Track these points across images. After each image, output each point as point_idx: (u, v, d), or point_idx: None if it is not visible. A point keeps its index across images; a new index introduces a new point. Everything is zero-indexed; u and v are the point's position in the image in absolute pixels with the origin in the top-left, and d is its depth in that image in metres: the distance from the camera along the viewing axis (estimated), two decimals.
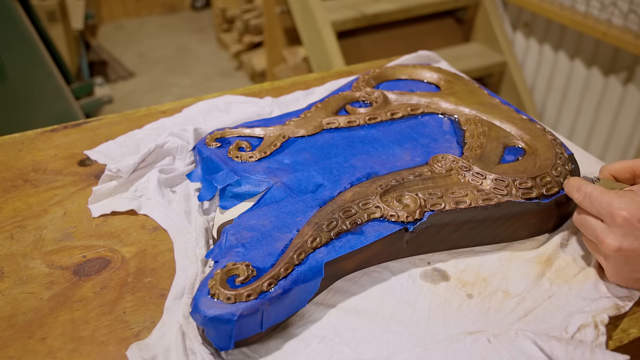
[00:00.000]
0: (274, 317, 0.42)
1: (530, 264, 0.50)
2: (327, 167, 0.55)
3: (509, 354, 0.41)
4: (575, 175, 0.55)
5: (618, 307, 0.45)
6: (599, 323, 0.43)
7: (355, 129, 0.62)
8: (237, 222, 0.48)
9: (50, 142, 0.67)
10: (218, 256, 0.44)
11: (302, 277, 0.43)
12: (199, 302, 0.40)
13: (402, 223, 0.48)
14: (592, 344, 0.41)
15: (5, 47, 1.52)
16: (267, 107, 0.73)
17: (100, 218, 0.56)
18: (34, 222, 0.55)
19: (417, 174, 0.53)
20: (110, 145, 0.66)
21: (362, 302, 0.46)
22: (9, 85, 1.56)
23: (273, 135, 0.60)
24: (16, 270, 0.49)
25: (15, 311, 0.45)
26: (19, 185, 0.60)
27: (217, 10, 3.14)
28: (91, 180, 0.61)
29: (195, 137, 0.64)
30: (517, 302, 0.46)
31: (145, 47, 3.27)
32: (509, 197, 0.51)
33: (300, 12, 2.01)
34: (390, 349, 0.42)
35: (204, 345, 0.41)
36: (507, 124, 0.62)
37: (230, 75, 2.95)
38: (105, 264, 0.50)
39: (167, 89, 2.80)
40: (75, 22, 2.63)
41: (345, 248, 0.46)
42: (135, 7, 3.65)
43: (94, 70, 2.92)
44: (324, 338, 0.43)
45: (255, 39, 2.77)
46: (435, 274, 0.49)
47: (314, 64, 2.04)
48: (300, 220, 0.48)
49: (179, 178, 0.60)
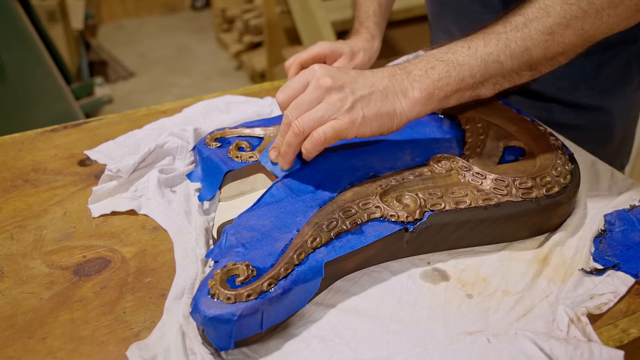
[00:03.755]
0: (274, 317, 0.42)
1: (529, 263, 0.50)
2: (327, 167, 0.55)
3: (508, 354, 0.41)
4: (575, 175, 0.55)
5: (601, 306, 0.45)
6: (580, 315, 0.43)
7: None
8: (237, 222, 0.48)
9: (50, 142, 0.67)
10: (218, 256, 0.44)
11: (302, 277, 0.43)
12: (199, 302, 0.40)
13: (402, 223, 0.48)
14: (583, 337, 0.42)
15: (5, 47, 1.52)
16: (267, 107, 0.73)
17: (100, 218, 0.56)
18: (34, 222, 0.55)
19: (417, 173, 0.53)
20: (110, 145, 0.66)
21: (362, 302, 0.46)
22: (9, 85, 1.56)
23: (273, 135, 0.60)
24: (16, 270, 0.49)
25: (15, 311, 0.45)
26: (19, 185, 0.60)
27: (217, 10, 3.15)
28: (91, 180, 0.61)
29: (195, 137, 0.64)
30: (516, 301, 0.46)
31: (145, 47, 3.27)
32: (509, 197, 0.51)
33: (300, 12, 2.01)
34: (390, 349, 0.42)
35: (204, 345, 0.41)
36: (507, 124, 0.62)
37: (230, 75, 2.95)
38: (105, 264, 0.50)
39: (167, 89, 2.80)
40: (75, 22, 2.63)
41: (345, 248, 0.46)
42: (135, 7, 3.65)
43: (94, 70, 2.93)
44: (324, 338, 0.43)
45: (255, 39, 2.77)
46: (435, 274, 0.49)
47: None
48: (300, 220, 0.48)
49: (179, 178, 0.60)
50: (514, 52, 0.51)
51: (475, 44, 0.52)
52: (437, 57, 0.53)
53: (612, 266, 0.49)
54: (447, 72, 0.52)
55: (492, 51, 0.51)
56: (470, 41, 0.53)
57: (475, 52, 0.52)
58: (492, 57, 0.52)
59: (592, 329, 0.42)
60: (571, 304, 0.45)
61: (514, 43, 0.51)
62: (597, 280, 0.48)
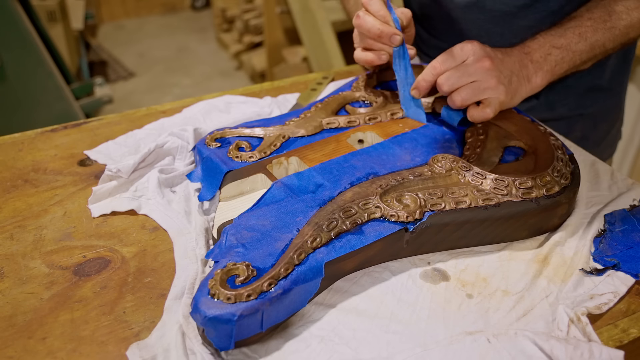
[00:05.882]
0: (274, 317, 0.42)
1: (529, 263, 0.50)
2: (327, 167, 0.55)
3: (508, 354, 0.41)
4: (575, 175, 0.55)
5: (601, 306, 0.45)
6: (580, 315, 0.43)
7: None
8: (237, 222, 0.48)
9: (50, 142, 0.67)
10: (218, 256, 0.44)
11: (302, 277, 0.43)
12: (199, 302, 0.40)
13: (402, 223, 0.48)
14: (583, 337, 0.42)
15: (5, 47, 1.52)
16: (267, 107, 0.73)
17: (100, 218, 0.56)
18: (34, 222, 0.55)
19: (417, 174, 0.53)
20: (110, 145, 0.66)
21: (362, 302, 0.46)
22: (9, 85, 1.56)
23: (273, 135, 0.60)
24: (16, 270, 0.49)
25: (15, 311, 0.45)
26: (19, 185, 0.60)
27: (217, 10, 3.14)
28: (91, 180, 0.61)
29: (195, 137, 0.64)
30: (516, 301, 0.46)
31: (145, 47, 3.27)
32: (509, 197, 0.51)
33: (300, 12, 2.01)
34: (390, 349, 0.42)
35: (204, 345, 0.41)
36: (507, 124, 0.62)
37: (230, 75, 2.95)
38: (105, 264, 0.50)
39: (167, 89, 2.80)
40: (75, 22, 2.63)
41: (345, 248, 0.46)
42: (135, 7, 3.65)
43: (94, 70, 2.92)
44: (324, 338, 0.43)
45: (255, 39, 2.77)
46: (435, 274, 0.49)
47: (314, 64, 2.04)
48: (300, 220, 0.48)
49: (179, 178, 0.60)
50: (616, 38, 0.64)
51: (585, 31, 0.63)
52: (552, 43, 0.62)
53: (612, 266, 0.49)
54: (561, 58, 0.62)
55: (599, 38, 0.63)
56: (579, 27, 0.63)
57: (585, 39, 0.63)
58: (598, 43, 0.63)
59: (592, 329, 0.42)
60: (571, 304, 0.45)
61: (617, 30, 0.64)
62: (597, 280, 0.48)
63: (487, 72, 0.57)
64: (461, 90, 0.58)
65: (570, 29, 0.63)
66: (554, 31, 0.63)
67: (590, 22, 0.63)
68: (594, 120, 0.83)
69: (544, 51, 0.62)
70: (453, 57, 0.59)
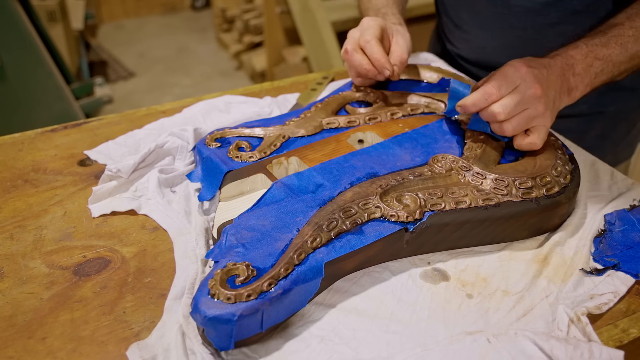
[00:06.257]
0: (274, 317, 0.42)
1: (529, 263, 0.50)
2: (327, 167, 0.55)
3: (508, 354, 0.41)
4: (575, 175, 0.55)
5: (601, 306, 0.45)
6: (580, 315, 0.43)
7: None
8: (237, 222, 0.48)
9: (50, 142, 0.67)
10: (218, 256, 0.44)
11: (302, 277, 0.43)
12: (199, 302, 0.40)
13: (402, 223, 0.48)
14: (583, 337, 0.42)
15: (5, 47, 1.52)
16: (267, 107, 0.73)
17: (100, 218, 0.56)
18: (34, 222, 0.55)
19: (417, 174, 0.53)
20: (110, 145, 0.66)
21: (362, 302, 0.46)
22: (9, 85, 1.55)
23: (273, 135, 0.60)
24: (16, 270, 0.49)
25: (15, 311, 0.45)
26: (19, 185, 0.60)
27: (217, 10, 3.14)
28: (91, 180, 0.61)
29: (195, 137, 0.64)
30: (516, 301, 0.46)
31: (145, 47, 3.27)
32: (509, 197, 0.51)
33: (300, 12, 2.01)
34: (390, 349, 0.42)
35: (204, 345, 0.41)
36: None
37: (230, 75, 2.95)
38: (105, 264, 0.50)
39: (167, 89, 2.80)
40: (75, 22, 2.63)
41: (345, 248, 0.45)
42: (135, 7, 3.65)
43: (94, 70, 2.92)
44: (324, 338, 0.43)
45: (255, 39, 2.77)
46: (435, 274, 0.49)
47: (314, 64, 2.04)
48: (300, 220, 0.48)
49: (179, 178, 0.60)
50: None
51: (627, 41, 0.61)
52: (595, 54, 0.60)
53: (612, 266, 0.49)
54: (601, 70, 0.60)
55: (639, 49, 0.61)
56: (621, 37, 0.61)
57: (626, 50, 0.60)
58: (638, 54, 0.61)
59: (592, 329, 0.42)
60: (571, 304, 0.45)
61: None
62: (597, 280, 0.48)
63: (538, 99, 0.55)
64: (512, 119, 0.55)
65: (613, 38, 0.61)
66: (598, 40, 0.61)
67: (632, 32, 0.61)
68: (614, 119, 0.82)
69: (587, 63, 0.59)
70: (507, 82, 0.55)
